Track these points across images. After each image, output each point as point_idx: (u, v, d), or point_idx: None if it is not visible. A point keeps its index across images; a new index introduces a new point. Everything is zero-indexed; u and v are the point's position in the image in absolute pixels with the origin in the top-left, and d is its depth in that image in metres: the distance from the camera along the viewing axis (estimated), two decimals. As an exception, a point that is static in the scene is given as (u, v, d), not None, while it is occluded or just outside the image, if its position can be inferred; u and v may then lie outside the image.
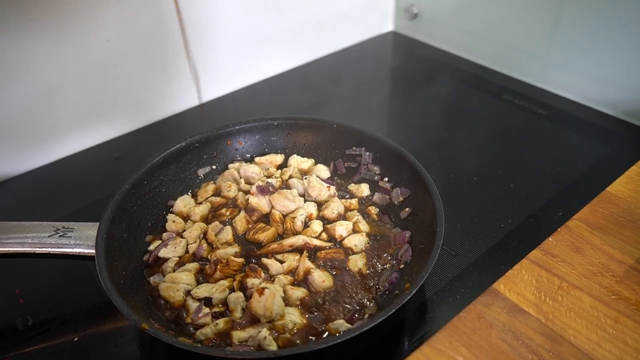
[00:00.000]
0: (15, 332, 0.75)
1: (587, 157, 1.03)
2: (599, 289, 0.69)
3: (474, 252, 0.84)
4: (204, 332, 0.68)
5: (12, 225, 0.75)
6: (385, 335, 0.71)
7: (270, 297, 0.69)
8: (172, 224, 0.85)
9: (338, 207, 0.86)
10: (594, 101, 1.18)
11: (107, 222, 0.75)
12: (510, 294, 0.69)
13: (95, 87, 1.10)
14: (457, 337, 0.64)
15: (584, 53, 1.15)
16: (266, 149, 0.99)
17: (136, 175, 0.84)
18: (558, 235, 0.78)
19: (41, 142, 1.08)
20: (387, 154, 0.90)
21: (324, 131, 0.97)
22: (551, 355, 0.61)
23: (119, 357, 0.71)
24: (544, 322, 0.65)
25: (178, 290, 0.74)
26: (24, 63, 0.99)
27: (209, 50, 1.23)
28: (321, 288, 0.74)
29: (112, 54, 1.09)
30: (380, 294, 0.74)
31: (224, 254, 0.78)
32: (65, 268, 0.85)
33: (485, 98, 1.25)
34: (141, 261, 0.80)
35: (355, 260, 0.78)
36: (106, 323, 0.76)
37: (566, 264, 0.73)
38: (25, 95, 1.02)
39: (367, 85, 1.35)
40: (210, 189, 0.92)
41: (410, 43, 1.53)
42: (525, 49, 1.26)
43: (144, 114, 1.21)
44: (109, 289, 0.66)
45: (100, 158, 1.12)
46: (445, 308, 0.74)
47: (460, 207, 0.93)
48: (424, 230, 0.78)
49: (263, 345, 0.66)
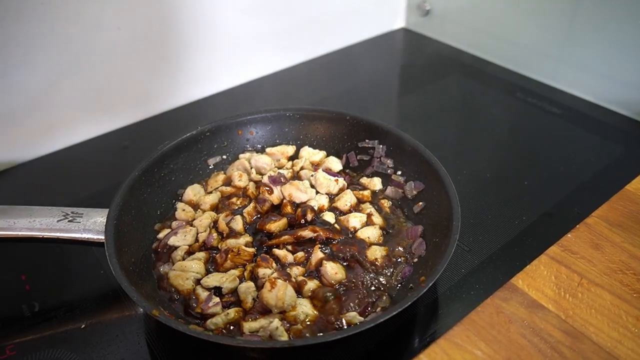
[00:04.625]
0: (21, 318, 0.74)
1: (601, 157, 1.02)
2: (620, 286, 0.68)
3: (487, 248, 0.82)
4: (214, 322, 0.67)
5: (21, 209, 0.74)
6: (397, 330, 0.70)
7: (282, 287, 0.68)
8: (182, 212, 0.83)
9: (351, 199, 0.85)
10: (608, 101, 1.16)
11: (116, 208, 0.74)
12: (529, 289, 0.67)
13: (105, 75, 1.09)
14: (475, 332, 0.62)
15: (598, 53, 1.14)
16: (278, 140, 0.97)
17: (146, 163, 0.83)
18: (577, 232, 0.76)
19: (49, 129, 1.07)
20: (401, 147, 0.89)
21: (337, 123, 0.95)
22: (572, 352, 0.60)
23: (126, 345, 0.69)
24: (563, 319, 0.63)
25: (187, 279, 0.72)
26: (33, 49, 0.97)
27: (220, 41, 1.21)
28: (334, 280, 0.72)
29: (122, 42, 1.07)
30: (394, 287, 0.73)
31: (235, 243, 0.77)
32: (72, 256, 0.84)
33: (498, 96, 1.24)
34: (150, 249, 0.79)
35: (374, 250, 0.76)
36: (113, 311, 0.75)
37: (586, 261, 0.71)
38: (34, 81, 1.00)
39: (378, 81, 1.33)
40: (220, 179, 0.91)
41: (422, 40, 1.51)
42: (539, 48, 1.25)
43: (153, 103, 1.19)
44: (119, 275, 0.64)
45: (108, 147, 1.11)
46: (459, 304, 0.73)
47: (473, 203, 0.91)
48: (438, 225, 0.76)
49: (274, 335, 0.65)
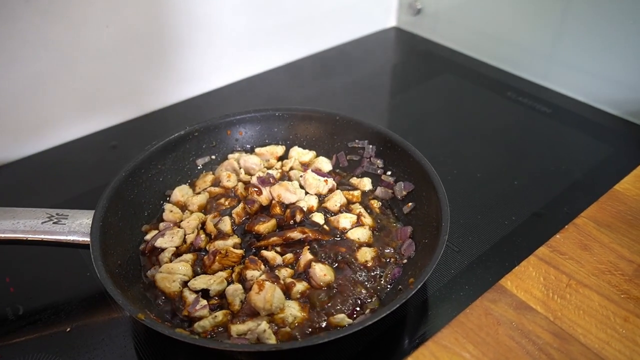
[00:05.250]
0: (5, 321, 0.73)
1: (591, 157, 1.02)
2: (608, 287, 0.68)
3: (477, 248, 0.82)
4: (201, 325, 0.66)
5: (4, 210, 0.73)
6: (386, 332, 0.70)
7: (270, 289, 0.68)
8: (169, 213, 0.82)
9: (340, 200, 0.84)
10: (599, 100, 1.16)
11: (102, 210, 0.73)
12: (518, 290, 0.67)
13: (93, 74, 1.07)
14: (463, 334, 0.62)
15: (589, 52, 1.14)
16: (267, 140, 0.96)
17: (133, 163, 0.82)
18: (565, 233, 0.76)
19: (36, 128, 1.06)
20: (391, 147, 0.88)
21: (326, 123, 0.95)
22: (560, 353, 0.60)
23: (113, 348, 0.69)
24: (552, 320, 0.63)
25: (174, 281, 0.71)
26: (18, 46, 0.96)
27: (209, 40, 1.20)
28: (322, 282, 0.72)
29: (110, 40, 1.06)
30: (383, 289, 0.72)
31: (223, 244, 0.76)
32: (57, 257, 0.82)
33: (489, 95, 1.24)
34: (137, 251, 0.78)
35: (364, 252, 0.76)
36: (100, 314, 0.74)
37: (574, 262, 0.71)
38: (20, 80, 0.99)
39: (369, 80, 1.33)
40: (209, 180, 0.90)
41: (413, 39, 1.51)
42: (530, 47, 1.25)
43: (142, 102, 1.18)
44: (104, 278, 0.64)
45: (96, 147, 1.10)
46: (449, 305, 0.73)
47: (463, 203, 0.91)
48: (428, 225, 0.76)
49: (262, 338, 0.64)
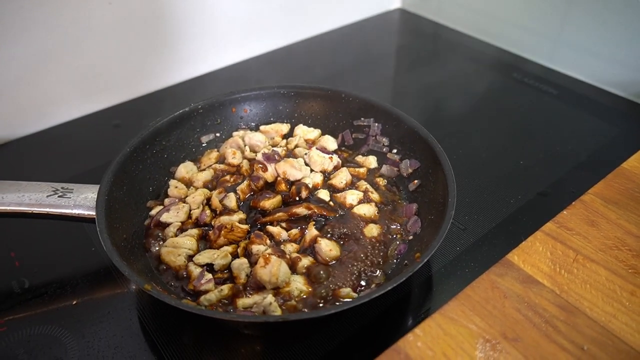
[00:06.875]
0: (11, 294, 0.73)
1: (597, 137, 1.01)
2: (615, 262, 0.67)
3: (483, 226, 0.82)
4: (207, 298, 0.66)
5: (10, 184, 0.73)
6: (391, 307, 0.70)
7: (276, 263, 0.67)
8: (174, 189, 0.82)
9: (346, 177, 0.84)
10: (604, 82, 1.16)
11: (107, 184, 0.73)
12: (525, 265, 0.67)
13: (96, 52, 1.07)
14: (470, 306, 0.62)
15: (595, 34, 1.13)
16: (272, 117, 0.96)
17: (138, 139, 0.82)
18: (573, 209, 0.76)
19: (38, 106, 1.05)
20: (397, 125, 0.88)
21: (332, 101, 0.94)
22: (566, 326, 0.59)
23: (118, 321, 0.69)
24: (558, 294, 0.63)
25: (179, 255, 0.71)
26: (21, 23, 0.95)
27: (213, 19, 1.19)
28: (328, 257, 0.71)
29: (113, 18, 1.05)
30: (389, 264, 0.72)
31: (229, 220, 0.76)
32: (62, 232, 0.83)
33: (495, 76, 1.23)
34: (142, 226, 0.78)
35: (371, 228, 0.76)
36: (105, 288, 0.74)
37: (581, 237, 0.71)
38: (22, 57, 0.98)
39: (374, 61, 1.32)
40: (213, 157, 0.89)
41: (418, 20, 1.50)
42: (536, 29, 1.23)
43: (146, 81, 1.17)
44: (110, 250, 0.63)
45: (99, 125, 1.09)
46: (454, 281, 0.73)
47: (469, 182, 0.91)
48: (434, 202, 0.76)
49: (268, 311, 0.64)
